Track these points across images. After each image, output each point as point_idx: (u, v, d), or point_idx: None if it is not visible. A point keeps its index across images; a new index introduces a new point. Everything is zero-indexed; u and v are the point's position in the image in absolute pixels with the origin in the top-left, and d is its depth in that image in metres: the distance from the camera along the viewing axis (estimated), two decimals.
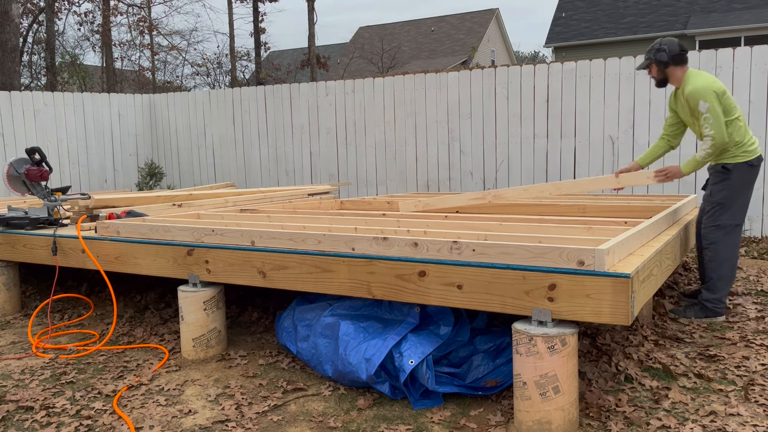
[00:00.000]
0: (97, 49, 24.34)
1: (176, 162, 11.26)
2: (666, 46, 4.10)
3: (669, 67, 4.13)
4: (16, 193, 5.02)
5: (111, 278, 4.41)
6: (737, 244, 4.20)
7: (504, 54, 36.02)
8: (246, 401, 3.17)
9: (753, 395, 3.05)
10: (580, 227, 3.55)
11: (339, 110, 9.60)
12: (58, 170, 10.14)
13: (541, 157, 8.23)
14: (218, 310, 3.85)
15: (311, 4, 17.89)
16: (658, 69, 4.17)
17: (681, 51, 4.09)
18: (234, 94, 10.57)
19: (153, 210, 5.23)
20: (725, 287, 4.19)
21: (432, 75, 8.87)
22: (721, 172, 4.12)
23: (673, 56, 4.09)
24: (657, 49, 4.13)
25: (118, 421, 2.98)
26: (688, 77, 4.08)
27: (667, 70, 4.15)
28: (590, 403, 2.96)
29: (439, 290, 2.98)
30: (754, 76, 7.19)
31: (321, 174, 9.86)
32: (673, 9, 21.65)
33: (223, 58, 28.27)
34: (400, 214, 4.81)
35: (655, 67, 4.18)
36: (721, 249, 4.15)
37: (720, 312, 4.21)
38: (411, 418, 2.94)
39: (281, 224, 4.06)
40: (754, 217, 7.31)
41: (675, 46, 4.10)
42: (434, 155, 8.90)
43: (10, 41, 12.26)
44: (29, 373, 3.67)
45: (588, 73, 7.91)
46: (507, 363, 3.14)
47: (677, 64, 4.11)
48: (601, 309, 2.63)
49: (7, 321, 4.82)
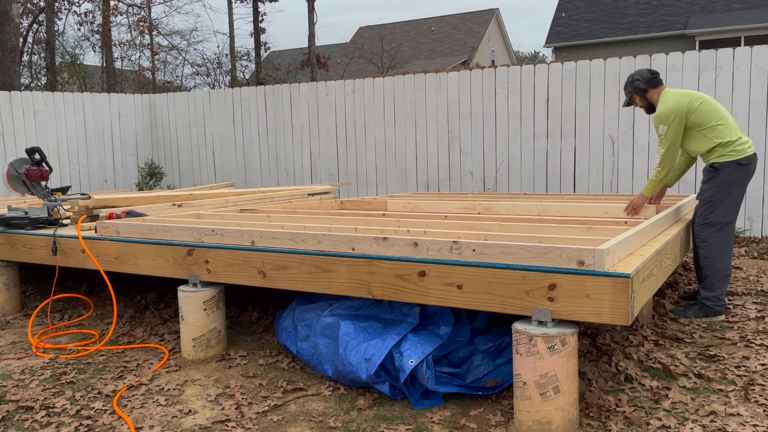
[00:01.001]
0: (97, 49, 24.37)
1: (176, 162, 11.26)
2: (638, 75, 4.41)
3: (648, 92, 4.39)
4: (16, 193, 5.01)
5: (111, 278, 4.41)
6: (730, 241, 4.26)
7: (504, 54, 36.02)
8: (246, 401, 3.17)
9: (753, 395, 3.05)
10: (580, 227, 3.56)
11: (339, 110, 9.60)
12: (58, 170, 10.14)
13: (541, 157, 8.23)
14: (218, 310, 3.85)
15: (311, 4, 17.89)
16: (640, 98, 4.45)
17: (652, 75, 4.39)
18: (234, 94, 10.56)
19: (153, 210, 5.23)
20: (722, 284, 4.25)
21: (432, 75, 8.87)
22: (709, 171, 4.26)
23: (647, 81, 4.37)
24: (632, 81, 4.42)
25: (118, 421, 2.98)
26: (661, 98, 4.31)
27: (647, 96, 4.41)
28: (590, 403, 2.96)
29: (439, 290, 2.98)
30: (754, 76, 7.19)
31: (321, 174, 9.86)
32: (673, 9, 21.64)
33: (223, 58, 28.30)
34: (400, 214, 4.81)
35: (637, 97, 4.46)
36: (713, 246, 4.22)
37: (720, 310, 4.25)
38: (411, 418, 2.94)
39: (281, 224, 4.06)
40: (754, 217, 7.31)
41: (646, 73, 4.41)
42: (434, 155, 8.90)
43: (10, 41, 12.26)
44: (29, 373, 3.67)
45: (588, 73, 7.91)
46: (507, 363, 3.15)
47: (654, 86, 4.38)
48: (601, 309, 2.63)
49: (7, 321, 4.82)
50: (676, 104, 4.18)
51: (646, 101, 4.44)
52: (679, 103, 4.18)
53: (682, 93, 4.26)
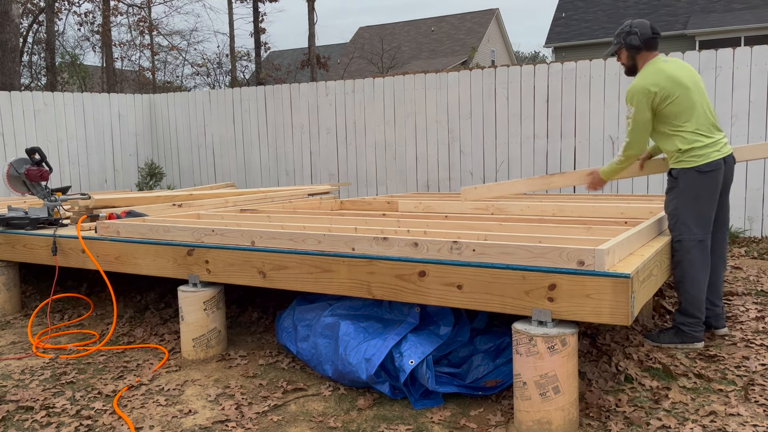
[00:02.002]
0: (97, 49, 24.38)
1: (176, 162, 11.26)
2: (637, 28, 3.66)
3: (641, 52, 3.69)
4: (16, 193, 5.02)
5: (111, 278, 4.41)
6: (705, 262, 3.62)
7: (504, 54, 36.02)
8: (246, 401, 3.17)
9: (753, 395, 3.05)
10: (580, 227, 3.55)
11: (339, 110, 9.60)
12: (58, 170, 10.14)
13: (541, 157, 8.23)
14: (218, 310, 3.85)
15: (311, 5, 17.89)
16: (628, 54, 3.74)
17: (654, 34, 3.66)
18: (234, 94, 10.56)
19: (153, 210, 5.23)
20: (698, 311, 3.65)
21: (432, 75, 8.88)
22: (669, 179, 3.69)
23: (645, 40, 3.65)
24: (627, 32, 3.69)
25: (118, 421, 2.98)
26: (643, 69, 3.67)
27: (638, 56, 3.71)
28: (590, 403, 2.96)
29: (439, 290, 2.98)
30: (754, 76, 7.19)
31: (321, 174, 9.85)
32: (673, 9, 21.65)
33: (223, 58, 28.32)
34: (401, 214, 4.81)
35: (626, 52, 3.74)
36: (686, 268, 3.61)
37: (698, 337, 3.67)
38: (411, 418, 2.94)
39: (281, 224, 4.06)
40: (754, 217, 7.31)
41: (647, 29, 3.66)
42: (434, 155, 8.90)
43: (10, 41, 12.26)
44: (29, 373, 3.67)
45: (588, 73, 7.91)
46: (507, 363, 3.14)
47: (649, 49, 3.68)
48: (601, 309, 2.63)
49: (7, 321, 4.82)
50: (653, 82, 3.54)
51: (633, 61, 3.74)
52: (657, 81, 3.53)
53: (667, 72, 3.57)
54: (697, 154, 3.55)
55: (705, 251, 3.62)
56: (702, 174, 3.54)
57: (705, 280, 3.65)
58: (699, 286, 3.62)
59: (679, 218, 3.60)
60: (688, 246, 3.59)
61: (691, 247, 3.58)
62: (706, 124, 3.60)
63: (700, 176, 3.55)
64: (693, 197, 3.56)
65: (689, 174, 3.56)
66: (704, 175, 3.55)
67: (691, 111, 3.57)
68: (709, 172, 3.54)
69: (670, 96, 3.54)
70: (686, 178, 3.57)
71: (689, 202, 3.57)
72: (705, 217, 3.59)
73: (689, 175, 3.56)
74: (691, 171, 3.56)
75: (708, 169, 3.54)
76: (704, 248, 3.61)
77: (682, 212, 3.59)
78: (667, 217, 3.70)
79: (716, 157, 3.56)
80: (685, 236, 3.59)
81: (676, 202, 3.61)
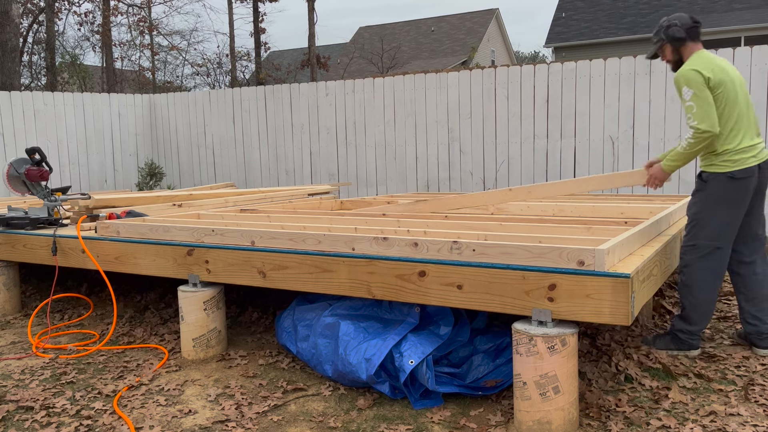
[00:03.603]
0: (97, 49, 24.37)
1: (176, 162, 11.26)
2: (677, 20, 3.48)
3: (685, 43, 3.48)
4: (16, 193, 5.01)
5: (111, 278, 4.41)
6: (719, 271, 3.48)
7: (504, 54, 36.02)
8: (246, 401, 3.17)
9: (753, 395, 3.05)
10: (580, 227, 3.55)
11: (339, 110, 9.59)
12: (58, 170, 10.13)
13: (541, 157, 8.23)
14: (218, 310, 3.85)
15: (311, 4, 17.89)
16: (672, 49, 3.53)
17: (694, 23, 3.48)
18: (234, 94, 10.56)
19: (153, 210, 5.23)
20: (701, 321, 3.52)
21: (432, 75, 8.87)
22: (698, 181, 3.52)
23: (687, 29, 3.46)
24: (667, 26, 3.50)
25: (118, 421, 2.98)
26: (691, 58, 3.45)
27: (683, 49, 3.50)
28: (590, 403, 2.96)
29: (439, 290, 2.98)
30: (754, 76, 7.19)
31: (321, 174, 9.85)
32: (673, 9, 21.62)
33: (223, 58, 28.28)
34: (400, 214, 4.81)
35: (669, 47, 3.53)
36: (695, 274, 3.48)
37: (695, 345, 3.57)
38: (411, 418, 2.94)
39: (281, 224, 4.06)
40: None
41: (686, 19, 3.47)
42: (434, 155, 8.90)
43: (10, 41, 12.26)
44: (29, 373, 3.67)
45: (588, 73, 7.90)
46: (507, 363, 3.14)
47: (693, 39, 3.48)
48: (601, 309, 2.63)
49: (7, 321, 4.82)
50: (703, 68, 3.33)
51: (678, 55, 3.52)
52: (706, 69, 3.34)
53: (718, 62, 3.39)
54: (732, 159, 3.37)
55: (722, 259, 3.48)
56: (734, 180, 3.37)
57: (717, 288, 3.53)
58: (709, 295, 3.50)
59: (699, 222, 3.45)
60: (705, 251, 3.44)
61: (708, 253, 3.44)
62: (747, 126, 3.42)
63: (732, 182, 3.37)
64: (720, 203, 3.40)
65: (720, 179, 3.39)
66: (737, 181, 3.37)
67: (734, 108, 3.38)
68: (742, 179, 3.37)
69: (720, 85, 3.34)
70: (716, 183, 3.40)
71: (715, 208, 3.41)
72: (730, 225, 3.43)
73: (720, 179, 3.39)
74: (723, 176, 3.38)
75: (741, 175, 3.36)
76: (722, 256, 3.47)
77: (705, 217, 3.43)
78: (688, 219, 3.54)
79: (752, 164, 3.38)
80: (702, 241, 3.44)
81: (701, 205, 3.45)
